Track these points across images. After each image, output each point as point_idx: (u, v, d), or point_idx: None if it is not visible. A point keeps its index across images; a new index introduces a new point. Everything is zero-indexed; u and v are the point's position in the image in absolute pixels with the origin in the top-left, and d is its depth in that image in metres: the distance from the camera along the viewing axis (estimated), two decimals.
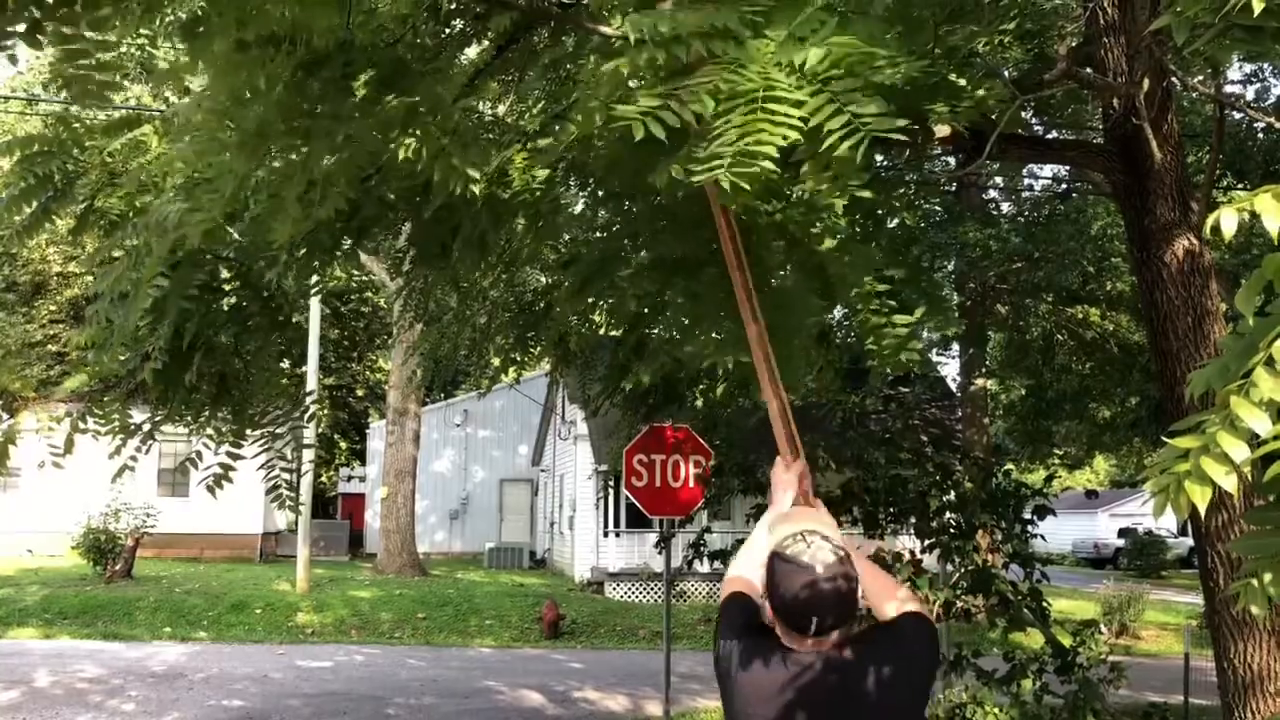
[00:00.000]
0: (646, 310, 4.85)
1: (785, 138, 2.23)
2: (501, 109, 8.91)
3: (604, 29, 3.29)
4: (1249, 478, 1.47)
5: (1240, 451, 1.41)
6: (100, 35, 2.91)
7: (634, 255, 4.49)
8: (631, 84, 2.58)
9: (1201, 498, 1.43)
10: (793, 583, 2.29)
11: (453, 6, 4.76)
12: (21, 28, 2.76)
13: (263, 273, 4.85)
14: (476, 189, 3.27)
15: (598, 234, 5.19)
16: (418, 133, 3.22)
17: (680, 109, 2.33)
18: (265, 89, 3.21)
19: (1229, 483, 1.42)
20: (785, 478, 2.72)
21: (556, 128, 4.04)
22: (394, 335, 25.59)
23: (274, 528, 30.12)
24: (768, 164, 2.18)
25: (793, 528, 2.41)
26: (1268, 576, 1.53)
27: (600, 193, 4.63)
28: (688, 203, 3.60)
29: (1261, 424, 1.39)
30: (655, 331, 5.94)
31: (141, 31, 3.39)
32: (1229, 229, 1.46)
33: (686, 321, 4.04)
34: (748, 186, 2.23)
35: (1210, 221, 1.50)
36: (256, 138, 3.28)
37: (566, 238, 6.18)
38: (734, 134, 2.27)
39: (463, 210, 4.09)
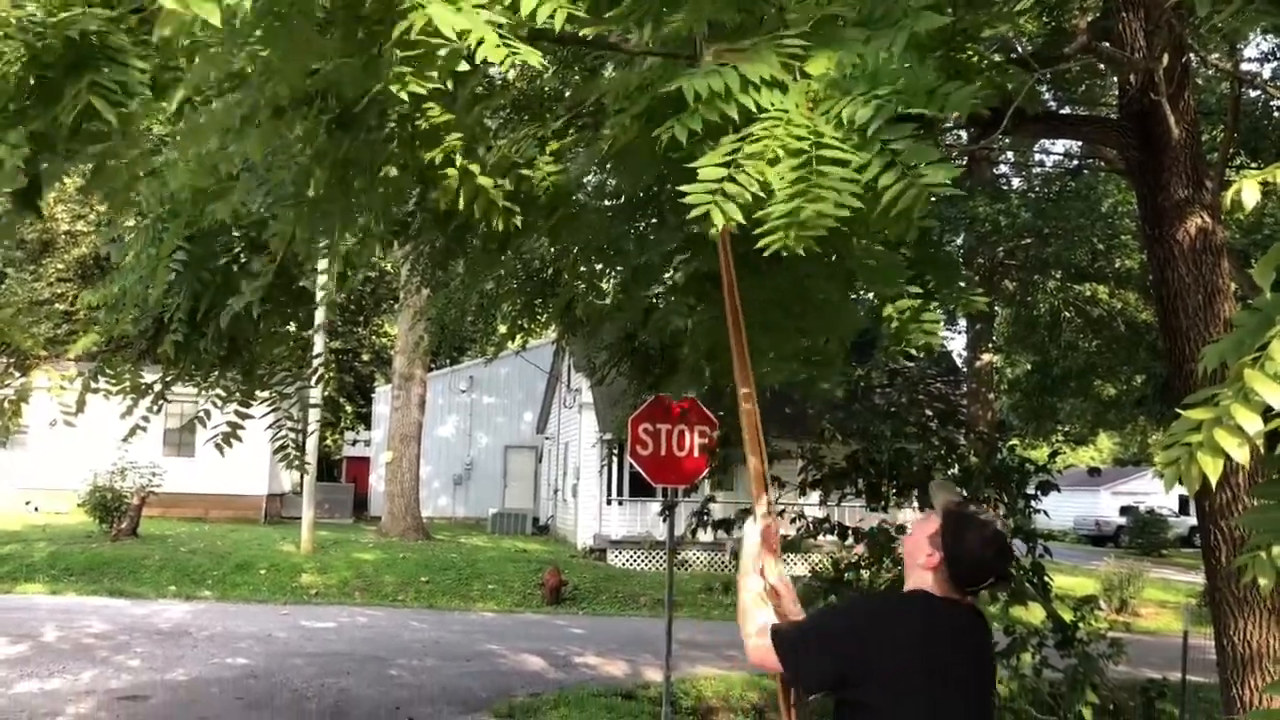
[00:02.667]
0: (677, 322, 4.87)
1: (844, 206, 2.17)
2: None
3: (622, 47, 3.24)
4: (1261, 450, 1.48)
5: (1254, 424, 1.41)
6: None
7: (666, 268, 4.50)
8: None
9: (1214, 469, 1.43)
10: (979, 538, 2.51)
11: None
12: None
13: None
14: (518, 221, 3.30)
15: (635, 250, 5.14)
16: (455, 177, 3.22)
17: (746, 181, 2.24)
18: (302, 147, 3.23)
19: (1241, 454, 1.43)
20: (757, 536, 2.86)
21: (578, 125, 4.01)
22: (401, 300, 25.59)
23: (279, 489, 30.28)
24: (839, 213, 2.14)
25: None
26: (1276, 549, 1.54)
27: (628, 190, 4.59)
28: None
29: (1276, 397, 1.39)
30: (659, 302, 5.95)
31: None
32: (1250, 201, 1.46)
33: (718, 331, 4.04)
34: (817, 249, 2.22)
35: (1231, 193, 1.49)
36: (311, 205, 3.32)
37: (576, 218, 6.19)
38: (788, 194, 2.19)
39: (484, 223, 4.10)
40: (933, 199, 2.19)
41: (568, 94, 5.97)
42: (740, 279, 3.06)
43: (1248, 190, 1.49)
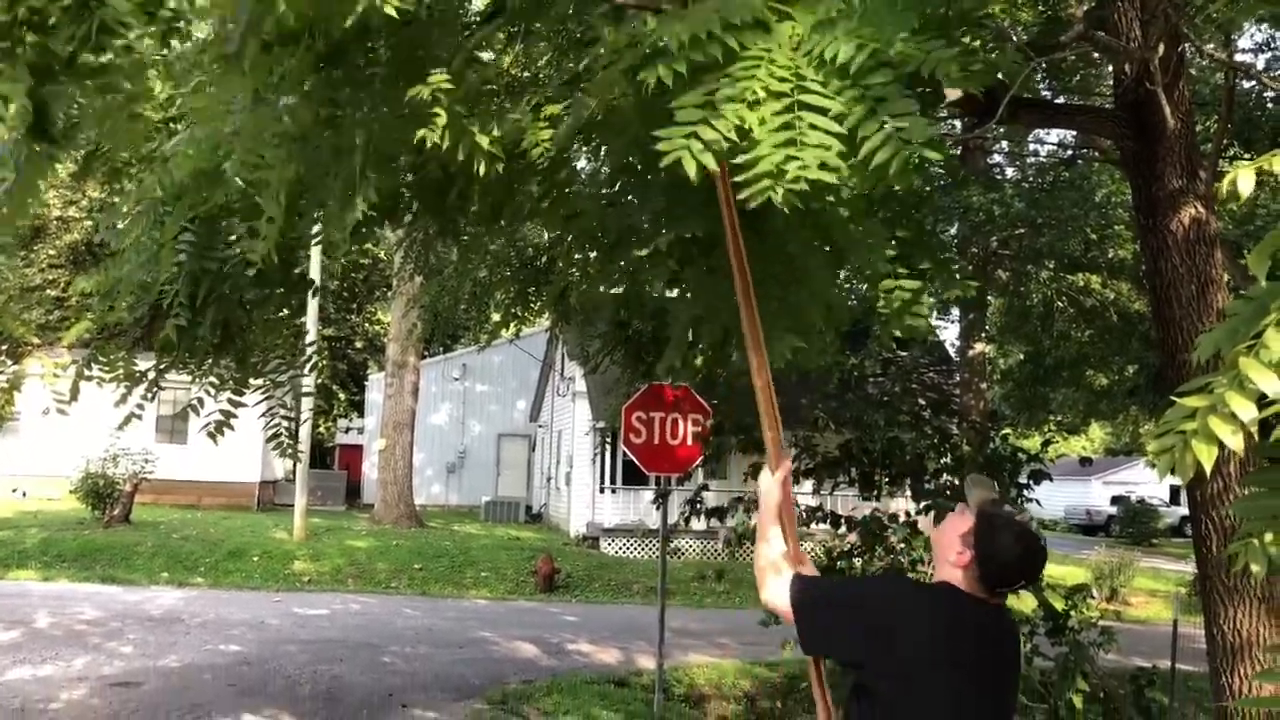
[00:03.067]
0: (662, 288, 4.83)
1: (824, 159, 2.16)
2: (507, 60, 8.84)
3: None
4: (1254, 437, 1.49)
5: (1248, 411, 1.42)
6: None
7: (653, 233, 4.46)
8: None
9: (1208, 457, 1.44)
10: (1012, 542, 2.49)
11: None
12: None
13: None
14: (500, 166, 3.26)
15: (609, 204, 5.15)
16: (444, 116, 3.20)
17: (720, 124, 2.23)
18: (290, 86, 3.21)
19: (1236, 442, 1.43)
20: (773, 487, 2.83)
21: (574, 94, 4.00)
22: (394, 287, 25.55)
23: (272, 476, 30.26)
24: (823, 175, 2.13)
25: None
26: (1268, 536, 1.55)
27: (613, 163, 4.57)
28: (707, 181, 3.57)
29: (1271, 385, 1.40)
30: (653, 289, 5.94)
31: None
32: (1245, 189, 1.47)
33: (709, 299, 4.01)
34: (801, 205, 2.20)
35: (1226, 181, 1.50)
36: (298, 142, 3.28)
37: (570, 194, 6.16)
38: (770, 139, 2.18)
39: (479, 184, 4.07)
40: (917, 163, 2.16)
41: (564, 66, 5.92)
42: (721, 246, 3.03)
43: (1243, 179, 1.50)
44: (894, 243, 3.50)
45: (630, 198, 4.25)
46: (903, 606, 2.52)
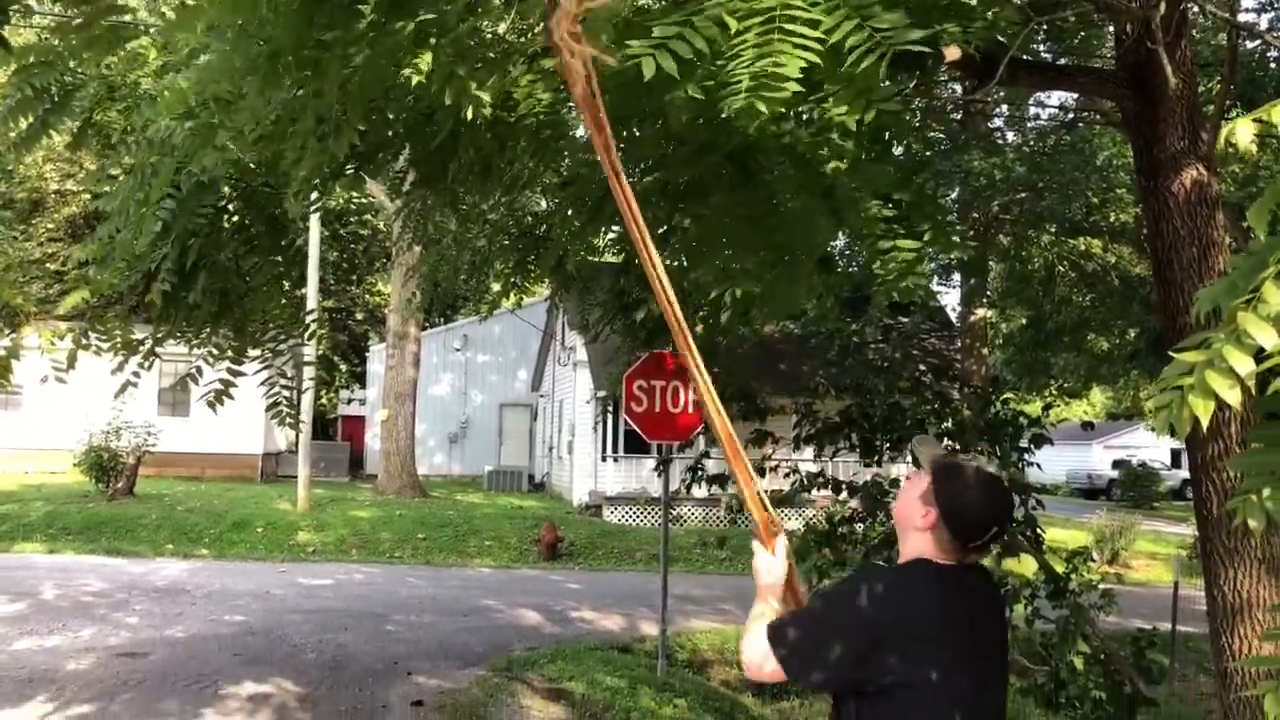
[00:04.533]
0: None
1: (805, 61, 2.17)
2: (503, 27, 8.77)
3: None
4: (1253, 390, 1.47)
5: (1246, 365, 1.40)
6: None
7: (640, 181, 4.43)
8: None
9: (1204, 412, 1.43)
10: (973, 487, 2.31)
11: None
12: None
13: (266, 193, 4.81)
14: (486, 111, 3.22)
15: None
16: (428, 56, 3.16)
17: (692, 36, 2.26)
18: (274, 16, 3.15)
19: (1233, 396, 1.42)
20: (773, 568, 2.51)
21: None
22: (393, 257, 25.50)
23: (275, 448, 30.36)
24: (793, 86, 2.13)
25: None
26: (1266, 491, 1.55)
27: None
28: (693, 125, 3.54)
29: (1269, 338, 1.38)
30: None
31: None
32: (1245, 140, 1.45)
33: (694, 246, 3.98)
34: (767, 111, 2.18)
35: (1225, 132, 1.48)
36: (270, 62, 3.21)
37: (568, 160, 6.13)
38: (752, 53, 2.21)
39: (467, 135, 4.03)
40: (927, 151, 2.18)
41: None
42: (710, 194, 2.99)
43: (1242, 129, 1.48)
44: (891, 205, 3.47)
45: (621, 146, 4.23)
46: (891, 598, 2.30)
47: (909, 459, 7.70)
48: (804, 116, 3.20)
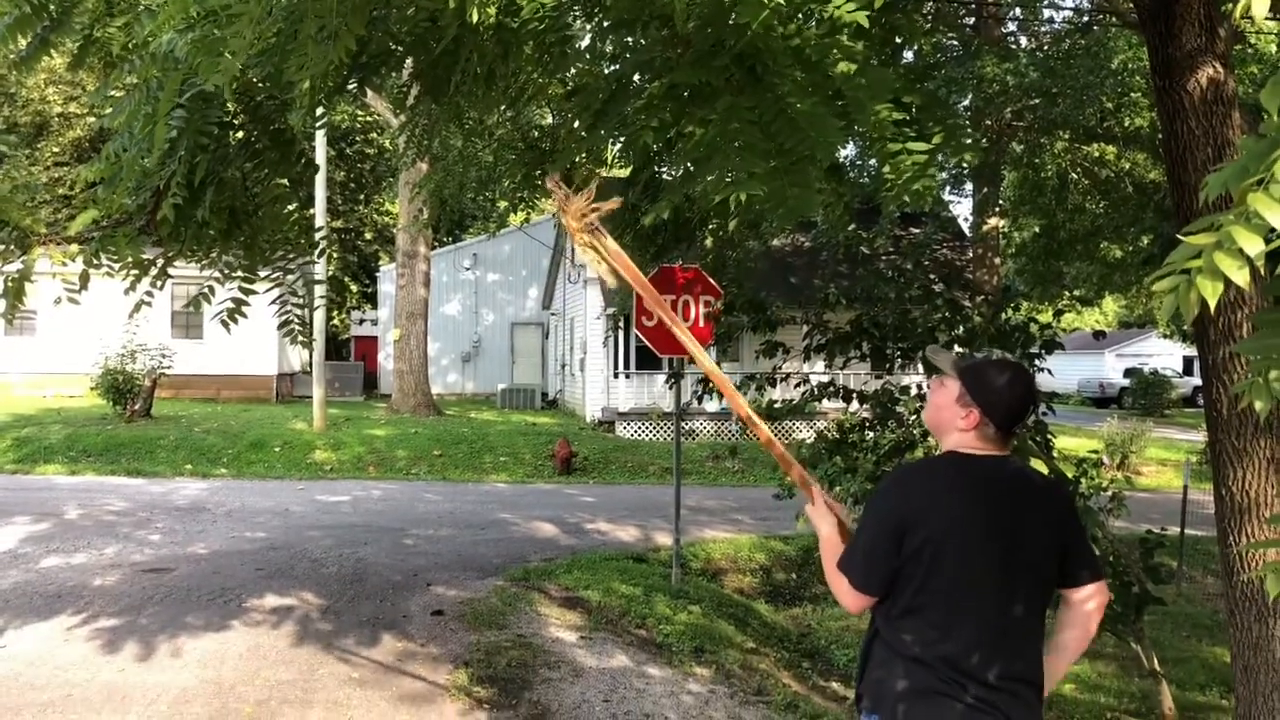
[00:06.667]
0: (659, 146, 4.73)
1: None
2: None
3: None
4: (1264, 275, 1.47)
5: (1255, 246, 1.39)
6: None
7: (646, 86, 4.36)
8: None
9: (1212, 294, 1.42)
10: (1003, 377, 2.52)
11: None
12: None
13: (271, 107, 4.76)
14: (491, 10, 3.18)
15: (606, 65, 5.05)
16: None
17: None
18: None
19: (1241, 277, 1.41)
20: (822, 512, 2.81)
21: None
22: (399, 174, 25.30)
23: (289, 369, 30.56)
24: None
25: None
26: (1273, 374, 1.55)
27: (607, 22, 4.48)
28: (700, 29, 3.48)
29: (1279, 218, 1.37)
30: (664, 173, 5.86)
31: None
32: (1260, 11, 1.42)
33: (701, 152, 3.93)
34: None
35: (1240, 6, 1.45)
36: None
37: (573, 70, 6.04)
38: None
39: (471, 43, 3.98)
40: (938, 56, 2.15)
41: None
42: (719, 97, 2.96)
43: (1257, 1, 1.45)
44: (901, 109, 3.42)
45: (626, 55, 4.17)
46: (909, 483, 2.56)
47: (921, 368, 7.72)
48: (813, 16, 3.15)
